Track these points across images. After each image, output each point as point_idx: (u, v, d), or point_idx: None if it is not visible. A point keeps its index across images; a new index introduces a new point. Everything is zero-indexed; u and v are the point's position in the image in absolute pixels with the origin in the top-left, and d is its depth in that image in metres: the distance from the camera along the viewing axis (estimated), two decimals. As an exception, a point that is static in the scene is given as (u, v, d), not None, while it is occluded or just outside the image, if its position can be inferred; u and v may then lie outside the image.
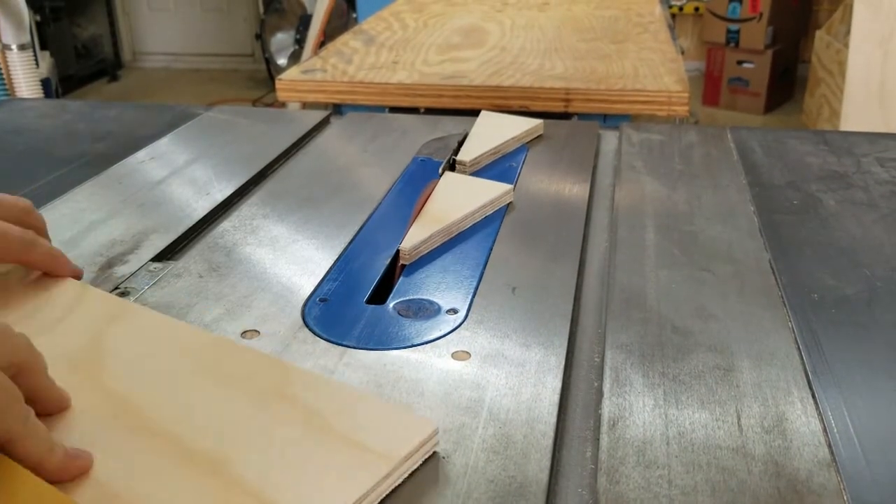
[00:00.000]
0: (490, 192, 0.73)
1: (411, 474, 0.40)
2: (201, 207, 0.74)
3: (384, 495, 0.39)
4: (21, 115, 1.08)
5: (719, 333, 0.53)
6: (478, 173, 0.82)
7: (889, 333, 0.54)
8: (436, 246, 0.66)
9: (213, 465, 0.38)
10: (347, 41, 1.47)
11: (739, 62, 3.80)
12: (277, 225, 0.71)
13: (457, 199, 0.71)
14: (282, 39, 4.01)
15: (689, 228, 0.69)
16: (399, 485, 0.40)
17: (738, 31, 3.77)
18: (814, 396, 0.47)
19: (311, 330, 0.54)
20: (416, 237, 0.65)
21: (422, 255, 0.64)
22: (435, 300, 0.58)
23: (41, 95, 2.27)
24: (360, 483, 0.38)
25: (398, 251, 0.65)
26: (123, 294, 0.59)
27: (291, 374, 0.46)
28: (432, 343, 0.52)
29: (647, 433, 0.44)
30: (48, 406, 0.42)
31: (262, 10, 4.45)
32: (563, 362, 0.50)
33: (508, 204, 0.74)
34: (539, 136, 0.92)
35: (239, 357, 0.47)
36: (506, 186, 0.74)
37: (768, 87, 3.76)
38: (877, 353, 0.52)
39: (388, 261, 0.64)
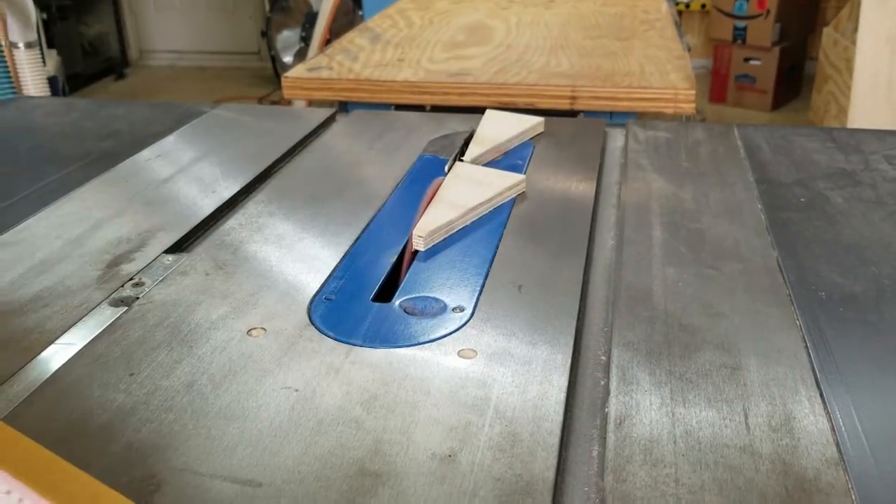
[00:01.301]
0: (504, 181, 0.74)
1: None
2: (207, 205, 0.74)
3: None
4: (28, 114, 1.09)
5: (726, 331, 0.53)
6: (484, 171, 0.82)
7: (897, 331, 0.54)
8: (451, 233, 0.66)
9: None
10: (353, 39, 1.47)
11: (746, 59, 3.79)
12: (283, 223, 0.71)
13: (471, 187, 0.72)
14: (287, 37, 4.01)
15: (696, 226, 0.69)
16: (404, 485, 0.40)
17: (745, 28, 3.75)
18: (821, 395, 0.47)
19: (317, 328, 0.54)
20: (432, 223, 0.65)
21: (436, 242, 0.65)
22: (441, 298, 0.57)
23: (48, 94, 2.27)
24: None
25: (404, 249, 0.65)
26: (137, 285, 0.59)
27: None
28: (438, 341, 0.52)
29: (654, 432, 0.44)
30: None
31: (267, 7, 4.45)
32: (569, 360, 0.50)
33: (514, 201, 0.73)
34: (545, 134, 0.92)
35: None
36: (519, 176, 0.75)
37: (775, 84, 3.74)
38: (885, 351, 0.52)
39: (393, 258, 0.64)
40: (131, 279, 0.61)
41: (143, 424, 0.45)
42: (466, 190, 0.72)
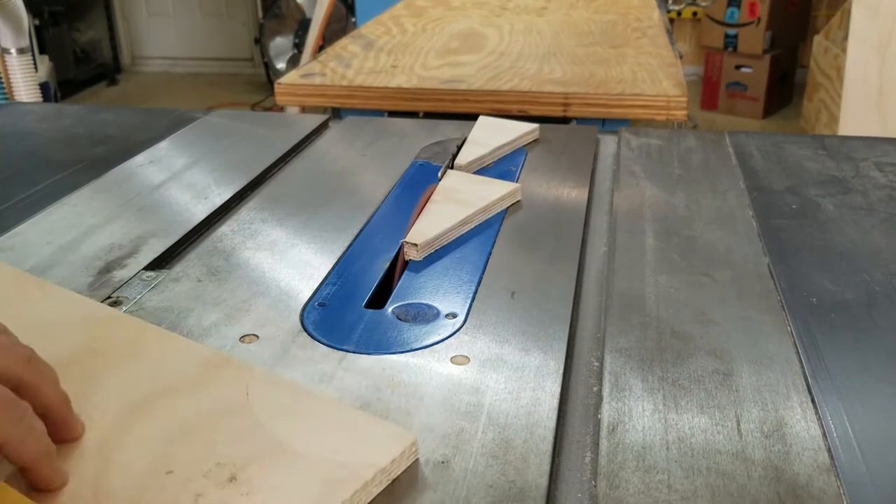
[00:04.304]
0: (498, 189, 0.74)
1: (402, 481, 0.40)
2: (200, 211, 0.74)
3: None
4: (20, 119, 1.08)
5: (718, 338, 0.53)
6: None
7: (888, 338, 0.54)
8: (446, 243, 0.66)
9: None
10: (346, 45, 1.47)
11: (738, 67, 3.81)
12: (276, 229, 0.71)
13: (466, 196, 0.72)
14: (281, 44, 4.02)
15: (688, 233, 0.69)
16: (398, 491, 0.40)
17: (736, 36, 3.77)
18: (813, 401, 0.47)
19: (309, 334, 0.54)
20: (427, 232, 0.65)
21: (430, 252, 0.65)
22: (434, 304, 0.57)
23: (40, 99, 2.26)
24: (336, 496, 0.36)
25: (397, 255, 0.65)
26: (115, 304, 0.58)
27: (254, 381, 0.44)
28: (431, 347, 0.52)
29: (647, 438, 0.44)
30: (55, 426, 0.39)
31: (261, 14, 4.45)
32: (562, 367, 0.50)
33: (508, 207, 0.74)
34: (538, 140, 0.92)
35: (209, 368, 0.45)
36: (513, 185, 0.75)
37: (766, 91, 3.76)
38: (876, 357, 0.52)
39: (386, 265, 0.64)
40: (117, 290, 0.61)
41: (135, 431, 0.45)
42: (461, 199, 0.71)
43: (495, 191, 0.73)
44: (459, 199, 0.71)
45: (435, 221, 0.67)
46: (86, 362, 0.46)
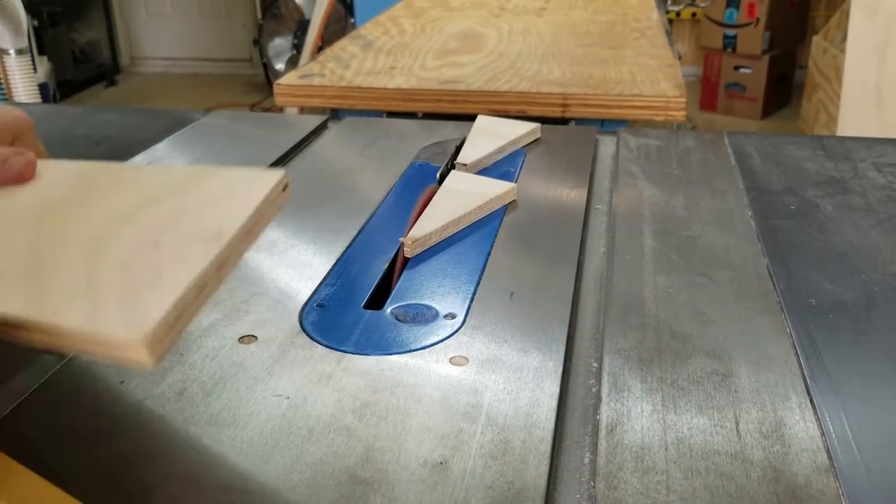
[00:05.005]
0: (494, 189, 0.74)
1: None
2: (199, 212, 0.74)
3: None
4: (18, 120, 1.08)
5: (717, 339, 0.53)
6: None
7: (887, 338, 0.54)
8: (440, 240, 0.66)
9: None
10: (345, 46, 1.47)
11: (736, 67, 3.81)
12: (274, 229, 0.71)
13: (462, 195, 0.72)
14: (280, 44, 4.02)
15: (687, 233, 0.69)
16: (396, 493, 0.40)
17: (735, 37, 3.78)
18: (812, 402, 0.47)
19: (308, 335, 0.54)
20: (421, 229, 0.66)
21: (427, 247, 0.65)
22: (433, 305, 0.57)
23: (39, 100, 2.26)
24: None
25: (396, 256, 0.65)
26: None
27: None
28: (430, 348, 0.52)
29: (646, 438, 0.44)
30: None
31: (259, 15, 4.45)
32: (560, 367, 0.50)
33: (507, 207, 0.74)
34: (536, 141, 0.92)
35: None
36: (509, 184, 0.76)
37: (765, 92, 3.77)
38: (875, 358, 0.52)
39: (385, 265, 0.64)
40: (122, 286, 0.61)
41: (134, 432, 0.45)
42: (457, 198, 0.72)
43: (490, 190, 0.74)
44: (455, 199, 0.72)
45: (430, 220, 0.67)
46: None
